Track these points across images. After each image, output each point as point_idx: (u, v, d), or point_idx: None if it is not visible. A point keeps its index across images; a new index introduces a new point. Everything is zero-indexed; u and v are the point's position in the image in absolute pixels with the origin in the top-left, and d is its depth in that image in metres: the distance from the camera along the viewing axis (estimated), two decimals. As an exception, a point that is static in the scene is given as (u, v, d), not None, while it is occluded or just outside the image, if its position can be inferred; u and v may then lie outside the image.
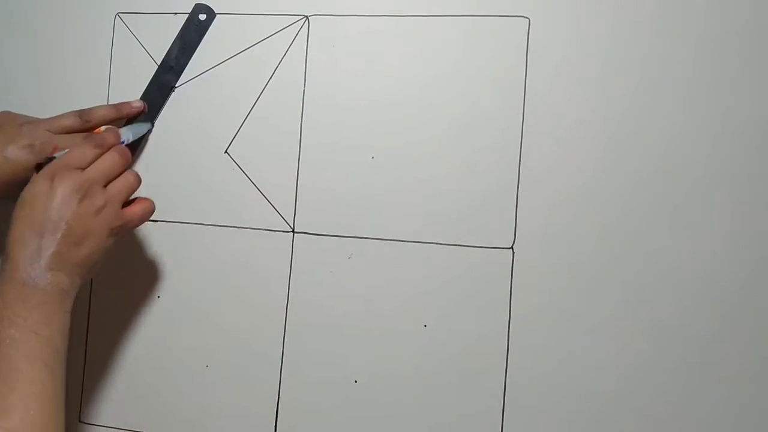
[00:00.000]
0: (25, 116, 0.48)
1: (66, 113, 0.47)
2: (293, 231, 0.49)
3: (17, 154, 0.44)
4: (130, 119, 0.50)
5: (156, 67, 0.51)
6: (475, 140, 0.46)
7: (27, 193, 0.39)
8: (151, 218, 0.50)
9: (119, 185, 0.42)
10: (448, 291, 0.46)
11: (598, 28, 0.45)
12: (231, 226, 0.50)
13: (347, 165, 0.48)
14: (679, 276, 0.44)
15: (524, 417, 0.45)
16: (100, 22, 0.52)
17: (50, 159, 0.41)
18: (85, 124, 0.47)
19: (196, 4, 0.50)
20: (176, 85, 0.51)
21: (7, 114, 0.47)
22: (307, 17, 0.49)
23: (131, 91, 0.51)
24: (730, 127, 0.44)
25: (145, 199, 0.45)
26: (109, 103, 0.52)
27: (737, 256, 0.43)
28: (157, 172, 0.51)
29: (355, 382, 0.47)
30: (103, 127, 0.47)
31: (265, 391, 0.48)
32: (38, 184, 0.39)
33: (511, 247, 0.46)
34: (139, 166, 0.51)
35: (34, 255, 0.37)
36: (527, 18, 0.46)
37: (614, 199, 0.45)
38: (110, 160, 0.41)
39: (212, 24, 0.50)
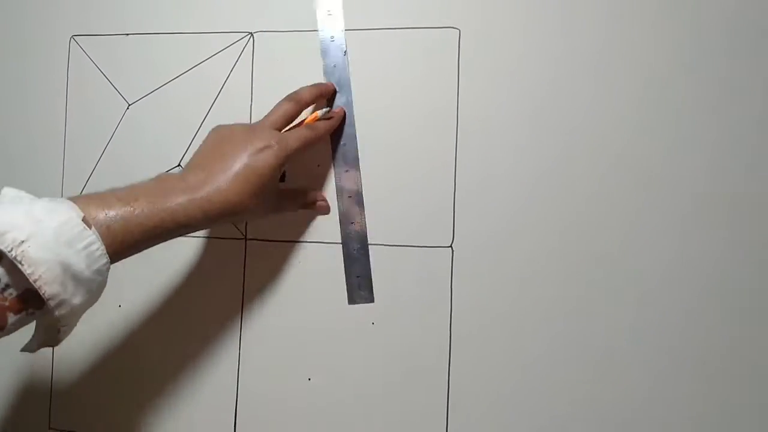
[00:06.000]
0: (240, 123, 0.45)
1: (279, 103, 0.46)
2: (246, 238, 0.51)
3: (259, 158, 0.42)
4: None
5: (112, 88, 0.53)
6: (412, 146, 0.49)
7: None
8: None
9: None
10: (393, 289, 0.49)
11: (528, 37, 0.48)
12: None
13: (292, 173, 0.51)
14: (614, 273, 0.46)
15: (468, 412, 0.47)
16: (55, 45, 0.55)
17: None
18: (296, 105, 0.46)
19: None
20: (131, 102, 0.53)
21: (225, 126, 0.45)
22: (251, 34, 0.52)
23: (88, 114, 0.54)
24: (665, 121, 0.46)
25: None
26: (68, 120, 0.54)
27: (661, 249, 0.46)
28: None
29: (309, 379, 0.50)
30: (319, 112, 0.47)
31: (223, 392, 0.51)
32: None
33: (451, 246, 0.48)
34: (94, 183, 0.53)
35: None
36: (457, 29, 0.48)
37: (548, 199, 0.47)
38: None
39: (163, 42, 0.53)
